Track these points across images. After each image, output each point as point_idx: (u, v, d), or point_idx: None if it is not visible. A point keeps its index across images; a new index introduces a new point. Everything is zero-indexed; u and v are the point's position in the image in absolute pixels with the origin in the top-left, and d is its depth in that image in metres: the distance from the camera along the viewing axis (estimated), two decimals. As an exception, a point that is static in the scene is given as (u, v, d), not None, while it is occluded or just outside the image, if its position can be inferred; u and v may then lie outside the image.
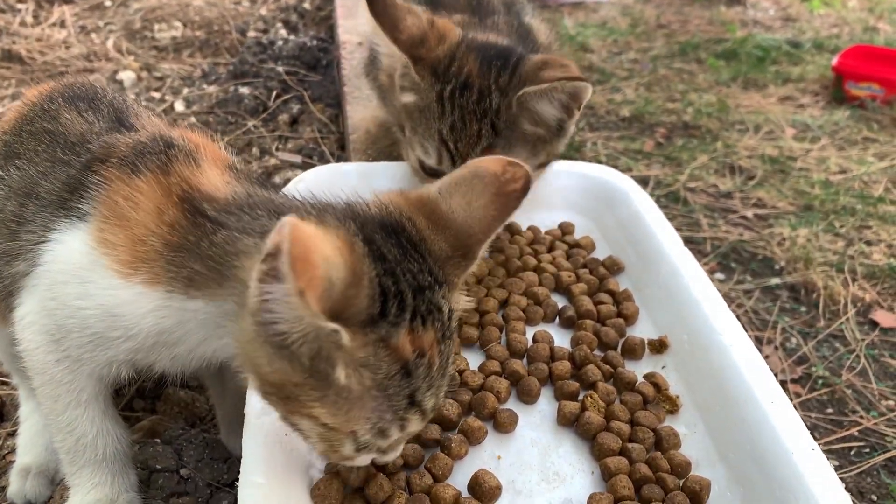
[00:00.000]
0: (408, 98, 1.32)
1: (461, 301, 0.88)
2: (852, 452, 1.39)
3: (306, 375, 0.72)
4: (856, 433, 1.42)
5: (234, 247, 0.80)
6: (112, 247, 0.84)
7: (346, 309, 0.69)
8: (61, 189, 0.92)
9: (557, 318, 1.32)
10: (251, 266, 0.71)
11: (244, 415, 0.95)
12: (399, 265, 0.77)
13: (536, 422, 1.12)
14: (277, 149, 2.19)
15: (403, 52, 1.26)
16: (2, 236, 0.97)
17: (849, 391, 1.51)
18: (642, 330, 1.29)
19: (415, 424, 0.81)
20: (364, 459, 0.85)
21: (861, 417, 1.45)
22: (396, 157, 1.74)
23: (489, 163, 0.90)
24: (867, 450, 1.39)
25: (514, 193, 0.89)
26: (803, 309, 1.75)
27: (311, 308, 0.64)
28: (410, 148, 1.36)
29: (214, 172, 0.91)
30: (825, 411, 1.47)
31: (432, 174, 1.33)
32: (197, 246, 0.82)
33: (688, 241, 1.88)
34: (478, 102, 1.26)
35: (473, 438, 1.06)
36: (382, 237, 0.79)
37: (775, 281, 1.83)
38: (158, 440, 1.23)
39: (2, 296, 1.00)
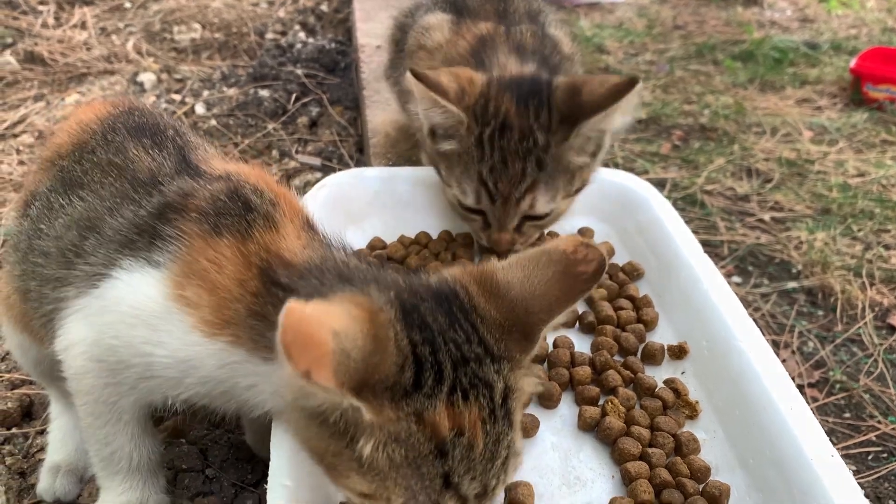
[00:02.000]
0: (447, 146, 1.33)
1: (527, 383, 0.81)
2: (870, 457, 1.39)
3: (343, 445, 0.71)
4: (873, 438, 1.42)
5: None
6: (195, 306, 0.85)
7: (371, 377, 0.68)
8: (129, 229, 0.92)
9: (577, 323, 1.33)
10: None
11: (271, 420, 0.97)
12: (442, 334, 0.74)
13: (557, 426, 1.14)
14: (297, 151, 2.22)
15: (462, 111, 1.28)
16: (57, 264, 0.97)
17: (866, 396, 1.52)
18: (662, 335, 1.30)
19: None
20: None
21: (879, 422, 1.45)
22: (416, 162, 1.75)
23: (561, 241, 0.84)
24: (885, 454, 1.40)
25: (583, 275, 0.81)
26: (820, 313, 1.75)
27: (323, 385, 0.63)
28: (447, 186, 1.38)
29: (292, 235, 0.90)
30: (842, 416, 1.47)
31: (470, 212, 1.37)
32: (273, 314, 0.80)
33: (705, 244, 1.88)
34: (520, 142, 1.28)
35: (495, 442, 1.07)
36: (432, 305, 0.77)
37: (792, 285, 1.83)
38: (184, 440, 1.26)
39: (43, 320, 1.01)
